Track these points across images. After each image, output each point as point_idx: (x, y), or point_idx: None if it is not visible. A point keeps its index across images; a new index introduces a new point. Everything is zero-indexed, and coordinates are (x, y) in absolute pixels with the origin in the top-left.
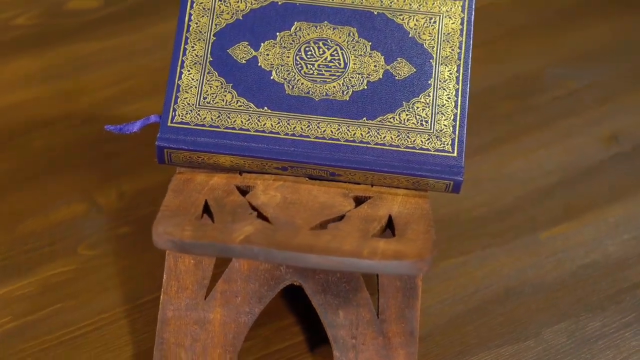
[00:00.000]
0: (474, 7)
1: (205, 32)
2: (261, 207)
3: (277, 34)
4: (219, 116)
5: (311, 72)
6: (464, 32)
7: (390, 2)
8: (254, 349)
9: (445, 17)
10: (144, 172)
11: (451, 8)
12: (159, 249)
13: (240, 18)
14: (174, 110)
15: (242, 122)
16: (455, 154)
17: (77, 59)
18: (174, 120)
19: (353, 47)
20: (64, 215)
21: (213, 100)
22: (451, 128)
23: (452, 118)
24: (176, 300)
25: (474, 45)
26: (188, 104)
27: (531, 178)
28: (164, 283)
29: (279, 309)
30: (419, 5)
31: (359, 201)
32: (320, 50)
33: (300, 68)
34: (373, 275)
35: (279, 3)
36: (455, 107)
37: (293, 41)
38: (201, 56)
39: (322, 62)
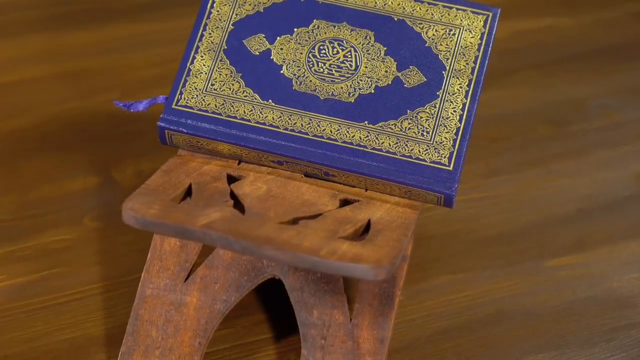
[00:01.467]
0: (496, 23)
1: (224, 21)
2: (241, 197)
3: (295, 29)
4: (223, 104)
5: (321, 70)
6: (482, 47)
7: (412, 10)
8: (230, 338)
9: (465, 30)
10: (166, 154)
11: (473, 22)
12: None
13: (261, 10)
14: (181, 93)
15: (244, 112)
16: (450, 168)
17: (128, 38)
18: (179, 103)
19: (367, 50)
20: (78, 186)
21: (220, 88)
22: (451, 141)
23: (454, 132)
24: (156, 279)
25: (524, 67)
26: (195, 88)
27: (550, 205)
28: (147, 261)
29: (262, 302)
30: (441, 16)
31: (345, 203)
32: (335, 50)
33: (311, 65)
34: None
35: (302, 0)
36: (460, 121)
37: (309, 38)
38: (216, 44)
39: (334, 62)
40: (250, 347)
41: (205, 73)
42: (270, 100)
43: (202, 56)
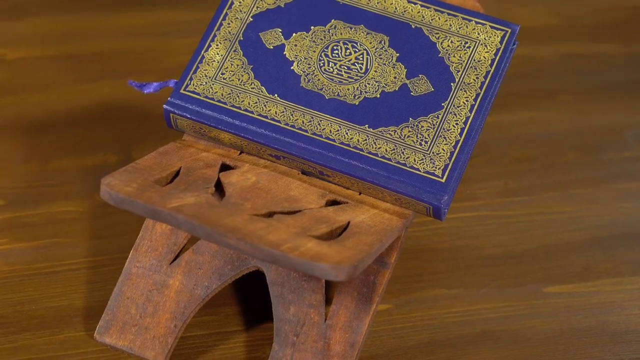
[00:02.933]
0: (514, 41)
1: (245, 12)
2: (226, 185)
3: (312, 27)
4: (230, 93)
5: (331, 70)
6: (495, 63)
7: (432, 19)
8: (212, 325)
9: (481, 44)
10: None
11: (490, 36)
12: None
13: (282, 5)
14: (191, 79)
15: (249, 103)
16: (443, 180)
17: (169, 24)
18: (187, 89)
19: (380, 55)
20: (96, 162)
21: (229, 78)
22: (449, 154)
23: (452, 144)
24: (143, 259)
25: (567, 90)
26: (205, 76)
27: (563, 230)
28: (137, 240)
29: (249, 294)
30: (459, 28)
31: (333, 204)
32: (347, 51)
33: (322, 64)
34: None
35: None
36: (460, 134)
37: (324, 37)
38: (233, 34)
39: (345, 62)
40: (227, 336)
41: (218, 62)
42: (276, 95)
43: (217, 45)
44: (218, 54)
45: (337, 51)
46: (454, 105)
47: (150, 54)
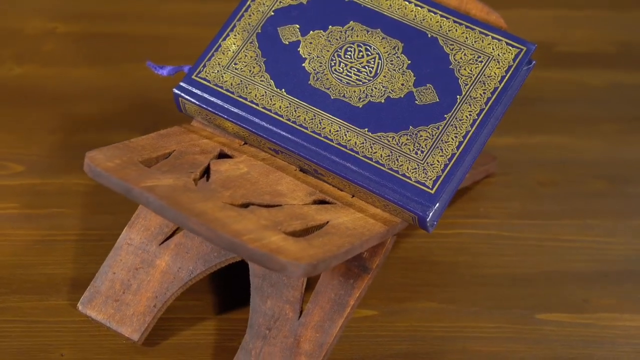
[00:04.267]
0: (528, 60)
1: (267, 6)
2: (213, 172)
3: (329, 26)
4: (239, 84)
5: (341, 70)
6: (505, 80)
7: (449, 30)
8: (194, 310)
9: (494, 60)
10: None
11: (504, 53)
12: None
13: (304, 2)
14: (204, 66)
15: (255, 95)
16: (432, 191)
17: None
18: (199, 75)
19: (391, 60)
20: (120, 139)
21: (241, 68)
22: (442, 165)
23: (448, 157)
24: (135, 236)
25: (608, 119)
26: (219, 64)
27: (571, 259)
28: (132, 217)
29: (243, 284)
30: (474, 41)
31: (321, 203)
32: (360, 54)
33: (333, 64)
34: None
35: (346, 0)
36: (458, 147)
37: (340, 38)
38: (253, 26)
39: (355, 65)
40: (207, 322)
41: (233, 52)
42: (283, 90)
43: (235, 35)
44: (234, 44)
45: (350, 53)
46: (456, 118)
47: (193, 41)
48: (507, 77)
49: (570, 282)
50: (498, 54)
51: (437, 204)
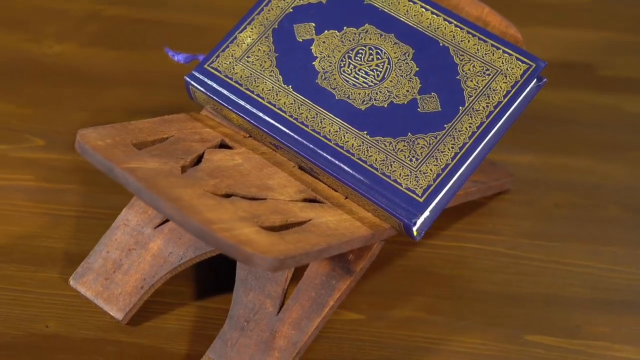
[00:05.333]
0: (538, 76)
1: (287, 2)
2: (205, 161)
3: (345, 27)
4: (248, 77)
5: (349, 72)
6: (509, 95)
7: (461, 40)
8: (184, 295)
9: (502, 74)
10: None
11: (513, 68)
12: None
13: (323, 2)
14: (217, 56)
15: (262, 89)
16: (421, 200)
17: None
18: (211, 65)
19: (400, 66)
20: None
21: (252, 62)
22: (435, 175)
23: (442, 167)
24: (132, 217)
25: (636, 146)
26: (232, 56)
27: (572, 285)
28: (132, 199)
29: (229, 274)
30: (485, 54)
31: (310, 201)
32: (370, 57)
33: (342, 65)
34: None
35: (365, 2)
36: (452, 158)
37: (353, 39)
38: (270, 21)
39: (364, 67)
40: (193, 309)
41: (247, 45)
42: (290, 86)
43: (252, 29)
44: (250, 37)
45: (360, 55)
46: (455, 129)
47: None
48: (512, 92)
49: (566, 306)
50: (507, 69)
51: (425, 213)
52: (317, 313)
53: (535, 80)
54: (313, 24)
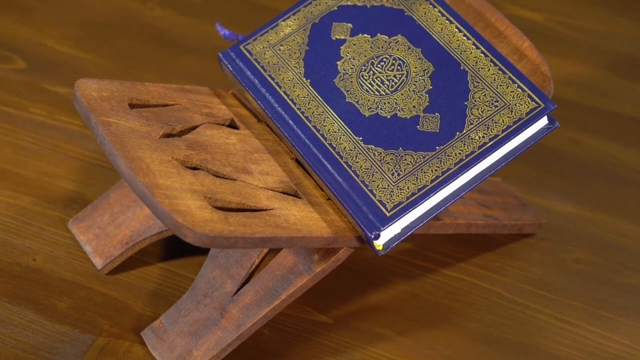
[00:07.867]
0: (548, 117)
1: (336, 0)
2: (194, 132)
3: (378, 34)
4: (275, 64)
5: (366, 77)
6: (509, 130)
7: (482, 68)
8: (162, 259)
9: (508, 107)
10: None
11: (522, 104)
12: None
13: (368, 6)
14: (255, 39)
15: (283, 79)
16: (388, 214)
17: None
18: (246, 46)
19: (416, 81)
20: None
21: (283, 50)
22: (409, 193)
23: (419, 187)
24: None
25: None
26: (267, 41)
27: (561, 344)
28: None
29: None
30: (499, 85)
31: (284, 193)
32: (392, 67)
33: (362, 70)
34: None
35: (405, 13)
36: (432, 181)
37: (382, 47)
38: (314, 15)
39: (382, 76)
40: (175, 276)
41: (285, 34)
42: (309, 80)
43: (295, 19)
44: (290, 27)
45: (383, 63)
46: (445, 153)
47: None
48: (512, 128)
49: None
50: (515, 104)
51: (388, 228)
52: (268, 303)
53: (545, 122)
54: (350, 25)
